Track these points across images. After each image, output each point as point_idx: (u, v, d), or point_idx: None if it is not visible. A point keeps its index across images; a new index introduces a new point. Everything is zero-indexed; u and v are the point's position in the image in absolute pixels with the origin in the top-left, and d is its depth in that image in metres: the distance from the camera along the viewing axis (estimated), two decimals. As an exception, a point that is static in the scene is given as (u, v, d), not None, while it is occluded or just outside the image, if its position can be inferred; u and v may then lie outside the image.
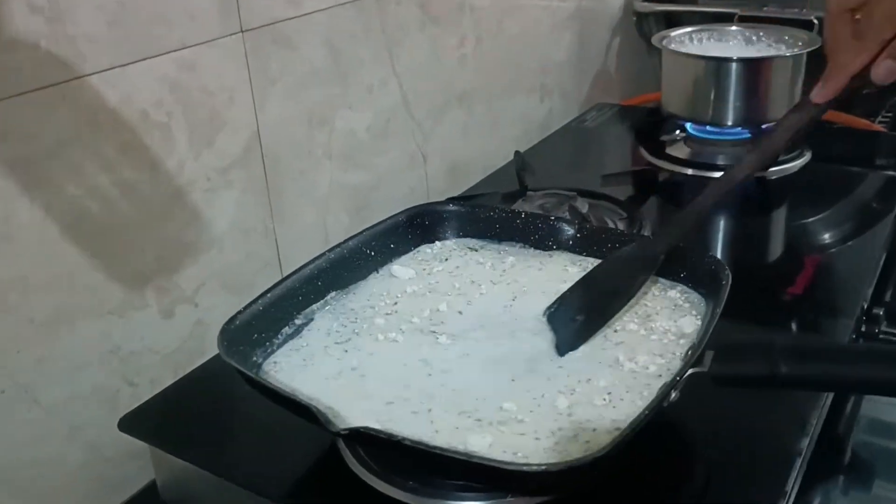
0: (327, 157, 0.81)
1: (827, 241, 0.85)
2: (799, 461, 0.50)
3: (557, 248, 0.65)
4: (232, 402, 0.60)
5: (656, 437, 0.52)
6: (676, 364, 0.49)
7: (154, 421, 0.60)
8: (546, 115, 1.16)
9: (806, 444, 0.52)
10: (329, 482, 0.52)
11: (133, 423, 0.59)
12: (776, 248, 0.88)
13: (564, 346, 0.53)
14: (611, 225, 0.79)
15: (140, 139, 0.62)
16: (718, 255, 0.60)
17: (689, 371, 0.45)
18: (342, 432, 0.43)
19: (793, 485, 0.48)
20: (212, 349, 0.57)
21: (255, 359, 0.54)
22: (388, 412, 0.47)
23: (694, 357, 0.46)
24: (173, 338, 0.68)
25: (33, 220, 0.56)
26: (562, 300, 0.57)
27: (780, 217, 0.94)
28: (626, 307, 0.55)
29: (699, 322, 0.53)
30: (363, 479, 0.51)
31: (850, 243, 0.83)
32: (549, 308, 0.57)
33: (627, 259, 0.59)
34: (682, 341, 0.52)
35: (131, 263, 0.64)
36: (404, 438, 0.41)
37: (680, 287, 0.58)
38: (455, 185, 0.97)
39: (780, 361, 0.42)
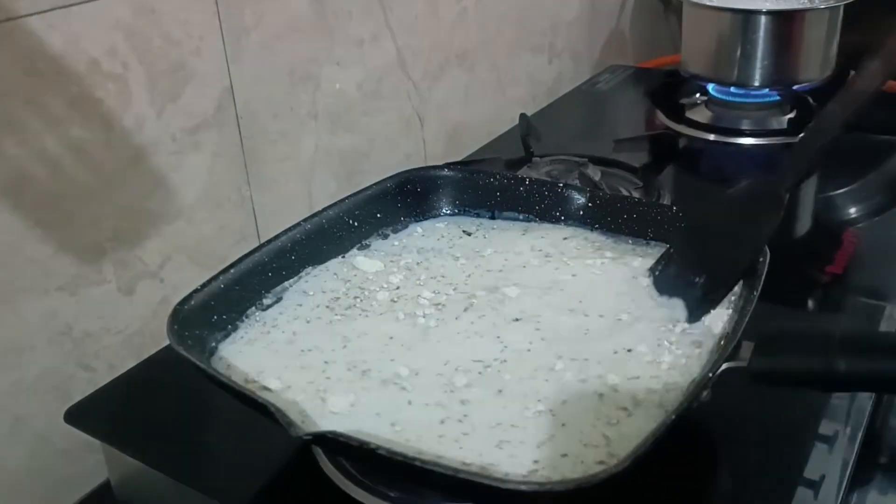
0: (312, 117, 0.73)
1: (862, 214, 0.78)
2: (848, 469, 0.42)
3: (566, 220, 0.57)
4: (198, 393, 0.52)
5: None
6: (700, 360, 0.42)
7: (107, 413, 0.53)
8: (555, 78, 1.07)
9: (854, 448, 0.44)
10: (302, 490, 0.45)
11: (82, 415, 0.52)
12: (806, 222, 0.80)
13: (691, 310, 0.45)
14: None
15: (90, 92, 0.55)
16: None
17: (724, 366, 0.37)
18: (305, 437, 0.36)
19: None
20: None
21: (213, 344, 0.46)
22: (370, 409, 0.40)
23: (728, 349, 0.38)
24: (134, 317, 0.61)
25: (-38, 182, 0.49)
26: (669, 258, 0.48)
27: (808, 187, 0.85)
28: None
29: (729, 310, 0.46)
30: (341, 488, 0.44)
31: (883, 216, 0.75)
32: (653, 269, 0.48)
33: (743, 200, 0.48)
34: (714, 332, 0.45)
35: (85, 234, 0.57)
36: (379, 447, 0.34)
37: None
38: (455, 152, 0.89)
39: (839, 356, 0.35)
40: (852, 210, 0.80)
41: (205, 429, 0.52)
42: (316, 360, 0.45)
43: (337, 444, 0.36)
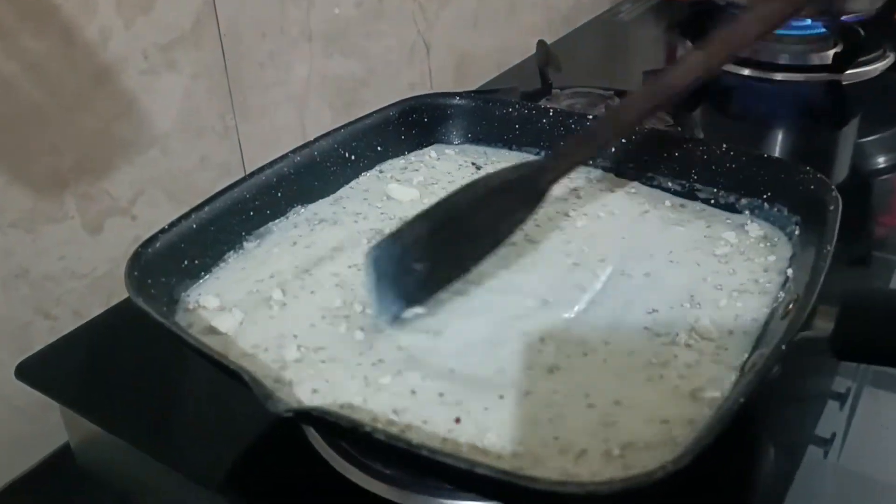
0: (305, 38, 0.65)
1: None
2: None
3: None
4: (173, 351, 0.46)
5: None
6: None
7: (66, 368, 0.46)
8: (572, 6, 0.98)
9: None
10: (287, 468, 0.39)
11: (37, 371, 0.45)
12: (853, 168, 0.72)
13: (386, 303, 0.37)
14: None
15: (44, -3, 0.47)
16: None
17: (800, 336, 0.31)
18: (285, 414, 0.29)
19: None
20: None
21: (184, 294, 0.39)
22: (355, 376, 0.33)
23: (803, 316, 0.31)
24: (103, 259, 0.54)
25: None
26: (395, 238, 0.38)
27: (852, 131, 0.78)
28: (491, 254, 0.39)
29: (790, 269, 0.39)
30: (330, 463, 0.37)
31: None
32: (374, 248, 0.38)
33: (500, 188, 0.40)
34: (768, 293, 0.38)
35: (42, 164, 0.50)
36: (375, 429, 0.27)
37: (751, 218, 0.44)
38: (464, 82, 0.81)
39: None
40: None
41: (177, 390, 0.46)
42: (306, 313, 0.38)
43: (325, 424, 0.29)
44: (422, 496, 0.35)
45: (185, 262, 0.40)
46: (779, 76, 0.79)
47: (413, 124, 0.52)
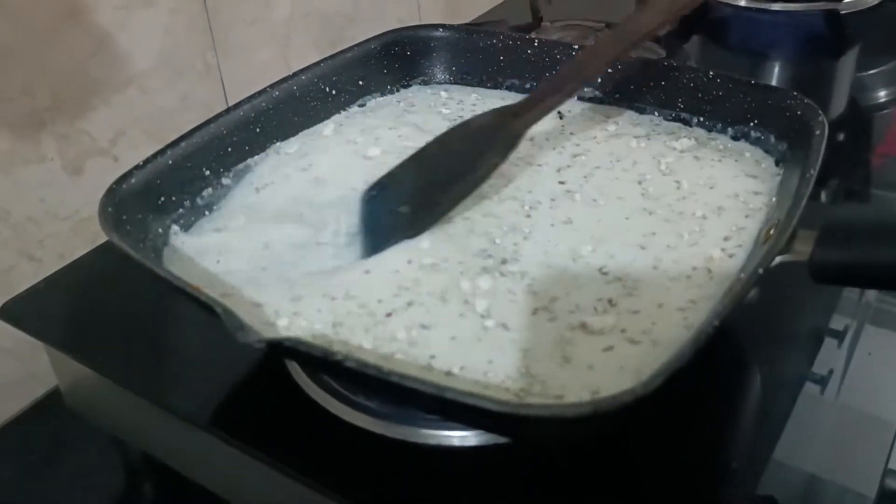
0: (286, -29, 0.63)
1: None
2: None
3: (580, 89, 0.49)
4: (158, 291, 0.46)
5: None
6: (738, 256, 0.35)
7: (51, 309, 0.46)
8: (567, -63, 0.96)
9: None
10: (272, 403, 0.39)
11: (22, 311, 0.45)
12: (852, 101, 0.71)
13: (372, 242, 0.38)
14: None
15: (7, -74, 0.45)
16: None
17: (778, 260, 0.30)
18: (256, 344, 0.29)
19: None
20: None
21: (158, 231, 0.39)
22: (331, 310, 0.33)
23: (783, 240, 0.31)
24: (84, 201, 0.53)
25: None
26: (383, 183, 0.40)
27: (850, 62, 0.76)
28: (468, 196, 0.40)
29: (775, 194, 0.38)
30: (315, 399, 0.37)
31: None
32: (369, 191, 0.40)
33: (476, 133, 0.41)
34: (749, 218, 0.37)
35: (16, 104, 0.49)
36: (346, 358, 0.27)
37: (742, 142, 0.43)
38: (454, 17, 0.80)
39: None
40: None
41: (164, 330, 0.46)
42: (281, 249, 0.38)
43: (296, 354, 0.29)
44: (401, 427, 0.35)
45: (162, 199, 0.40)
46: (776, 6, 0.77)
47: (396, 58, 0.51)
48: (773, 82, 0.71)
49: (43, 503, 0.46)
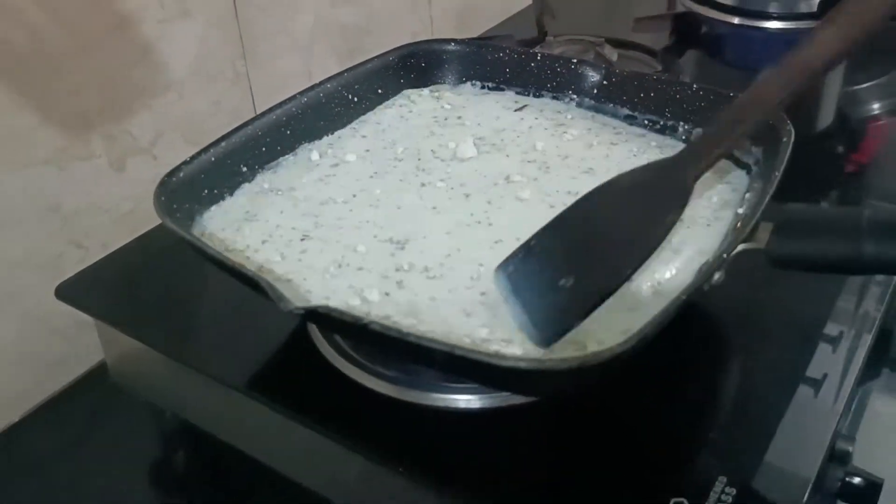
0: (311, -13, 0.68)
1: (890, 109, 0.73)
2: (858, 371, 0.41)
3: (579, 98, 0.54)
4: (194, 269, 0.51)
5: (688, 329, 0.43)
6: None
7: (99, 290, 0.51)
8: (573, -44, 1.01)
9: (866, 351, 0.43)
10: (298, 369, 0.44)
11: (75, 291, 0.50)
12: (829, 115, 0.76)
13: (543, 324, 0.34)
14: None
15: (67, -52, 0.51)
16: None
17: (740, 248, 0.35)
18: (295, 311, 0.34)
19: (847, 399, 0.40)
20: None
21: (201, 218, 0.44)
22: (359, 281, 0.38)
23: (746, 231, 0.36)
24: (127, 195, 0.59)
25: (-67, 44, 0.46)
26: (528, 250, 0.36)
27: (836, 77, 0.81)
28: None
29: (749, 194, 0.43)
30: (335, 366, 0.42)
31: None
32: (505, 264, 0.36)
33: (642, 188, 0.37)
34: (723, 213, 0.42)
35: (68, 105, 0.54)
36: (372, 322, 0.32)
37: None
38: (465, 31, 0.85)
39: (867, 238, 0.32)
40: (885, 103, 0.76)
41: (201, 306, 0.51)
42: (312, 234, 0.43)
43: (329, 320, 0.34)
44: (412, 391, 0.40)
45: (205, 191, 0.45)
46: (767, 24, 0.82)
47: (411, 69, 0.56)
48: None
49: (85, 468, 0.51)
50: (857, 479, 0.38)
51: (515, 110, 0.53)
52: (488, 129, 0.52)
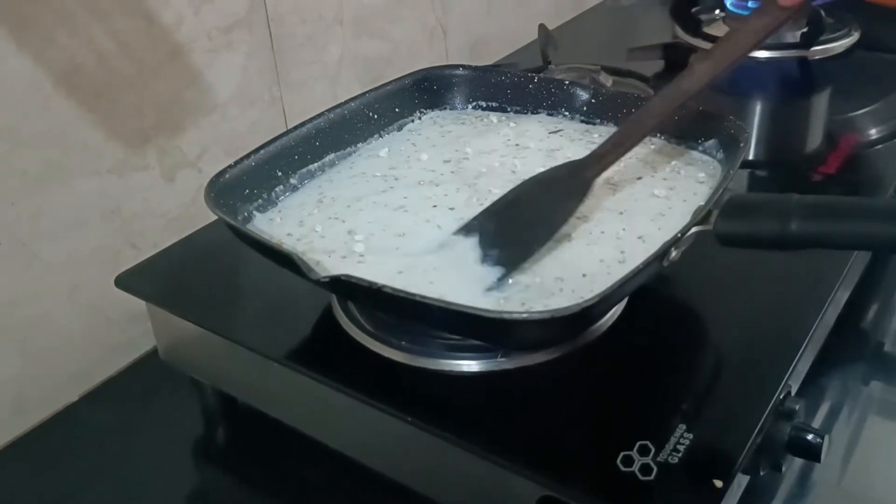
0: (338, 22, 0.77)
1: (873, 137, 0.78)
2: (807, 339, 0.47)
3: (572, 116, 0.61)
4: (234, 265, 0.59)
5: (661, 306, 0.50)
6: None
7: (153, 280, 0.59)
8: (578, -7, 1.10)
9: (817, 321, 0.49)
10: (325, 342, 0.51)
11: (131, 281, 0.58)
12: (814, 139, 0.82)
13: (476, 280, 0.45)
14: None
15: (133, -12, 0.60)
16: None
17: (694, 229, 0.42)
18: (322, 280, 0.41)
19: (795, 363, 0.46)
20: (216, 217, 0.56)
21: (246, 214, 0.52)
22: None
23: (700, 215, 0.43)
24: (175, 203, 0.67)
25: (23, 68, 0.54)
26: (468, 229, 0.48)
27: (822, 102, 0.87)
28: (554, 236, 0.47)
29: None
30: (356, 339, 0.50)
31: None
32: (457, 233, 0.48)
33: (552, 182, 0.49)
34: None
35: (130, 122, 0.62)
36: (384, 286, 0.40)
37: (700, 155, 0.55)
38: (476, 62, 0.92)
39: (793, 219, 0.39)
40: (870, 131, 0.81)
41: (241, 294, 0.58)
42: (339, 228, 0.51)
43: (349, 286, 0.41)
44: (422, 358, 0.47)
45: (247, 191, 0.53)
46: (755, 53, 0.89)
47: (425, 90, 0.64)
48: (755, 119, 0.82)
49: (137, 442, 0.58)
50: (803, 433, 0.44)
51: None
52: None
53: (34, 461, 0.57)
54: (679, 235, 0.41)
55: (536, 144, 0.58)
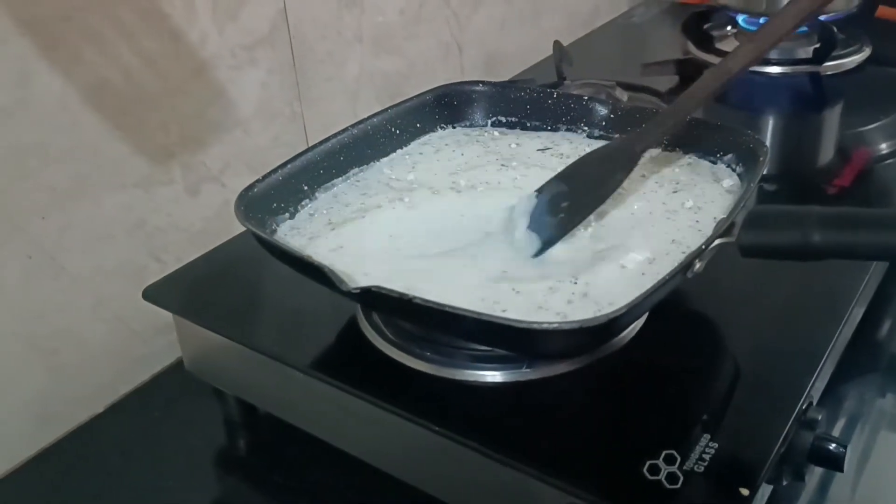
0: (357, 39, 0.78)
1: (885, 151, 0.79)
2: (828, 349, 0.48)
3: (590, 131, 0.62)
4: (258, 277, 0.60)
5: (682, 318, 0.51)
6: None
7: (179, 292, 0.59)
8: (592, 9, 1.11)
9: (837, 332, 0.50)
10: (349, 352, 0.52)
11: (158, 293, 0.58)
12: (827, 153, 0.83)
13: (545, 236, 0.50)
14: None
15: (159, 7, 0.61)
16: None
17: (717, 241, 0.43)
18: (353, 291, 0.42)
19: (817, 375, 0.46)
20: (239, 230, 0.57)
21: (273, 226, 0.53)
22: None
23: (723, 228, 0.43)
24: (199, 217, 0.68)
25: (52, 85, 0.56)
26: (541, 190, 0.53)
27: (834, 116, 0.88)
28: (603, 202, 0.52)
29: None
30: (381, 350, 0.50)
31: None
32: (538, 191, 0.53)
33: (605, 156, 0.54)
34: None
35: (155, 138, 0.63)
36: (415, 297, 0.40)
37: (723, 169, 0.56)
38: (491, 78, 0.94)
39: (815, 230, 0.40)
40: (881, 146, 0.82)
41: (264, 306, 0.59)
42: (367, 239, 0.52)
43: (379, 297, 0.42)
44: (446, 368, 0.47)
45: (274, 204, 0.54)
46: (768, 69, 0.90)
47: (445, 106, 0.65)
48: (768, 134, 0.83)
49: (161, 452, 0.58)
50: (825, 444, 0.45)
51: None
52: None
53: (60, 472, 0.58)
54: (703, 247, 0.42)
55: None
